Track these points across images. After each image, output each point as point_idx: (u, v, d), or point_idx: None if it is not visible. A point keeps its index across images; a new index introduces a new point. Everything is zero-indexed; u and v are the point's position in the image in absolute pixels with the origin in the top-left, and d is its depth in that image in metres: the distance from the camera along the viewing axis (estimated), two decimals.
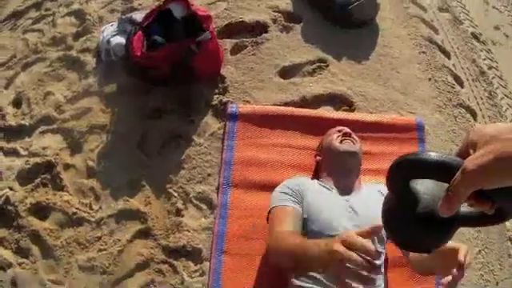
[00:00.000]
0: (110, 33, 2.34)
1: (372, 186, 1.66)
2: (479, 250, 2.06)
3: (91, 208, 1.94)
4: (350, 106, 2.16)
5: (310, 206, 1.42)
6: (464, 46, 2.84)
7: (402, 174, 0.57)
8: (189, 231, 1.83)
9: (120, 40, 2.27)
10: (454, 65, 2.64)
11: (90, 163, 2.04)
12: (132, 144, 2.06)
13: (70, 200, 1.94)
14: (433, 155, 0.52)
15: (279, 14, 2.46)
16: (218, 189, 1.82)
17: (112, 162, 2.03)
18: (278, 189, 1.54)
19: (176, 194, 1.93)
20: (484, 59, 2.90)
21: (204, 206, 1.92)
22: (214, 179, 1.93)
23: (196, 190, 1.92)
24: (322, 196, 1.47)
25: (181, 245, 1.81)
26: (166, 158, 2.02)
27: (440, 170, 0.50)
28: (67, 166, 2.05)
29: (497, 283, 2.04)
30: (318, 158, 1.74)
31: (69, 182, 2.01)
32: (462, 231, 2.02)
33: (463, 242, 1.98)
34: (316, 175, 1.75)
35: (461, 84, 2.58)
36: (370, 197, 1.51)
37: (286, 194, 1.48)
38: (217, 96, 2.14)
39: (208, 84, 2.19)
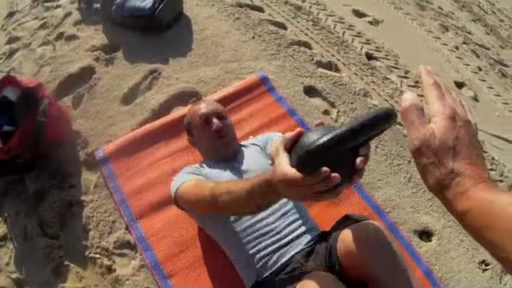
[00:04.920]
0: None
1: (247, 143, 1.89)
2: (376, 146, 2.44)
3: None
4: (195, 96, 2.47)
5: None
6: None
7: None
8: (128, 279, 1.96)
9: None
10: (270, 14, 3.06)
11: (14, 276, 2.10)
12: (36, 235, 2.15)
13: None
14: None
15: (99, 52, 2.70)
16: (127, 229, 2.01)
17: (30, 261, 2.10)
18: (178, 174, 1.65)
19: (98, 255, 2.04)
20: None
21: (127, 251, 2.05)
22: (120, 223, 2.10)
23: (111, 241, 2.06)
24: (215, 170, 1.66)
25: None
26: (70, 231, 2.13)
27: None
28: None
29: (409, 161, 2.41)
30: (192, 142, 1.89)
31: None
32: None
33: None
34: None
35: (283, 27, 3.00)
36: (251, 153, 1.77)
37: (189, 174, 1.61)
38: (81, 151, 2.32)
39: (68, 146, 2.36)
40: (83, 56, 2.72)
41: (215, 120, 1.74)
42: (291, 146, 0.89)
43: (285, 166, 0.86)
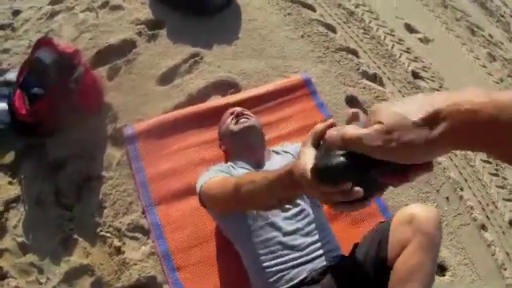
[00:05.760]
0: None
1: (279, 150, 1.84)
2: None
3: (39, 283, 1.93)
4: (235, 87, 2.35)
5: None
6: None
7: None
8: (136, 264, 1.88)
9: (1, 106, 2.24)
10: (321, 15, 2.91)
11: (20, 239, 2.04)
12: (49, 203, 2.08)
13: (18, 284, 1.93)
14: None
15: (142, 26, 2.58)
16: (143, 213, 1.91)
17: (38, 228, 2.04)
18: (208, 170, 1.66)
19: (109, 235, 1.97)
20: (349, 0, 3.19)
21: (139, 235, 1.97)
22: (137, 205, 2.00)
23: (125, 222, 1.97)
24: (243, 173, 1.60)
25: (134, 280, 1.85)
26: (85, 204, 2.05)
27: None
28: (0, 253, 2.04)
29: (437, 190, 2.31)
30: (223, 146, 1.90)
31: (9, 267, 1.99)
32: None
33: None
34: (226, 162, 1.89)
35: (333, 30, 2.85)
36: (282, 161, 1.68)
37: (217, 171, 1.60)
38: (109, 125, 2.21)
39: (97, 117, 2.25)
40: (126, 28, 2.60)
41: (249, 134, 1.77)
42: (320, 140, 0.79)
43: (305, 164, 0.76)
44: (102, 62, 2.48)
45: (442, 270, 2.04)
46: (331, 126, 0.75)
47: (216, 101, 2.20)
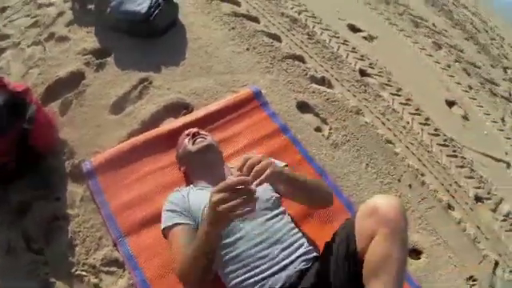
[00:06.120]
0: None
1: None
2: (366, 164, 2.39)
3: None
4: (187, 108, 2.37)
5: (195, 209, 1.60)
6: (269, 5, 3.18)
7: None
8: None
9: None
10: (265, 25, 2.97)
11: None
12: (20, 249, 2.02)
13: None
14: None
15: (89, 56, 2.58)
16: (115, 245, 1.90)
17: (13, 277, 1.97)
18: (165, 208, 1.70)
19: (84, 273, 1.92)
20: (292, 8, 3.27)
21: (114, 268, 1.93)
22: (107, 239, 1.97)
23: (98, 258, 1.94)
24: (204, 195, 1.59)
25: None
26: (56, 246, 2.00)
27: None
28: None
29: (399, 180, 2.38)
30: (182, 168, 1.92)
31: None
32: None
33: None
34: (188, 183, 1.92)
35: (278, 39, 2.92)
36: None
37: (174, 211, 1.63)
38: (67, 162, 2.19)
39: (54, 155, 2.22)
40: (73, 60, 2.59)
41: (207, 153, 1.81)
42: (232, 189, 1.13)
43: None
44: (53, 96, 2.46)
45: (416, 253, 2.09)
46: (245, 181, 0.84)
47: (169, 124, 2.21)
